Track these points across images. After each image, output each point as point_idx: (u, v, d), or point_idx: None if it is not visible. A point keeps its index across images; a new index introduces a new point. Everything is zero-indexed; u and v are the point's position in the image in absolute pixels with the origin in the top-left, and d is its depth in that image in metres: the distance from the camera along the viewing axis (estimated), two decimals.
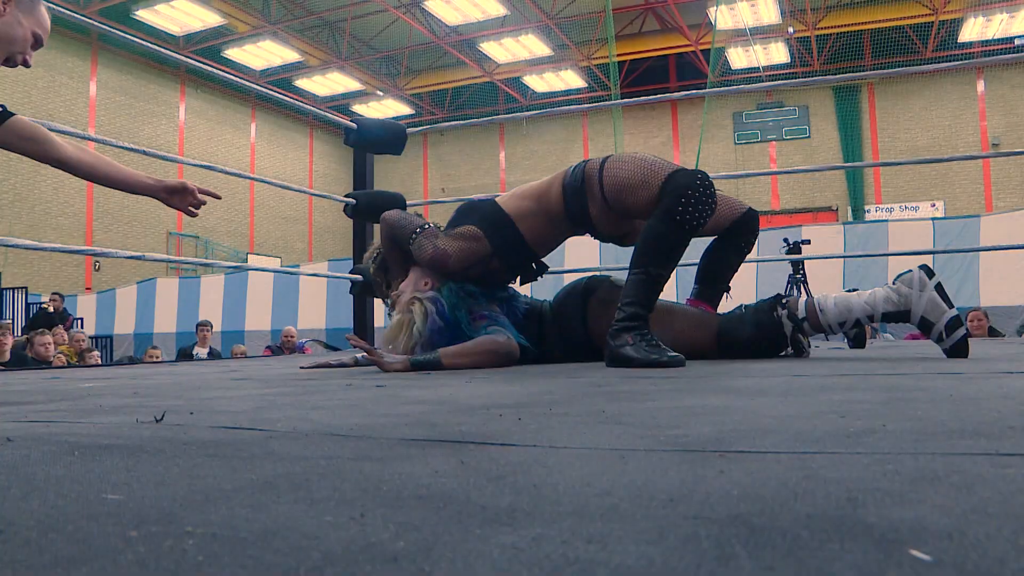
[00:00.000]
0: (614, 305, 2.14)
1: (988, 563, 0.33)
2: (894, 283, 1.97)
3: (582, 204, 2.13)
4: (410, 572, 0.34)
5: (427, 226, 2.25)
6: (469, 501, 0.47)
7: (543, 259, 2.38)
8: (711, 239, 2.32)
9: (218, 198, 2.02)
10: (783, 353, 2.15)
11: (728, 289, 2.32)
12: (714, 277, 2.30)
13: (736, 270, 2.33)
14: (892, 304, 1.95)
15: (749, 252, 2.32)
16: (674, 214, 1.92)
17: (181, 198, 1.94)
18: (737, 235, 2.27)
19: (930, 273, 1.93)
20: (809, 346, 2.18)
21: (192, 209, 1.96)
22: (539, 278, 2.39)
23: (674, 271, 2.03)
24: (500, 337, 2.07)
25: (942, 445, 0.63)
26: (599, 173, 2.09)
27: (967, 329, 1.91)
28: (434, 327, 2.10)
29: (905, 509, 0.42)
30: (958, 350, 1.89)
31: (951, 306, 1.90)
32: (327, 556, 0.37)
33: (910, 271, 1.95)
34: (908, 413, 0.83)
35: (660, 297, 2.04)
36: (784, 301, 2.09)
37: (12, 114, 1.70)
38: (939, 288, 1.91)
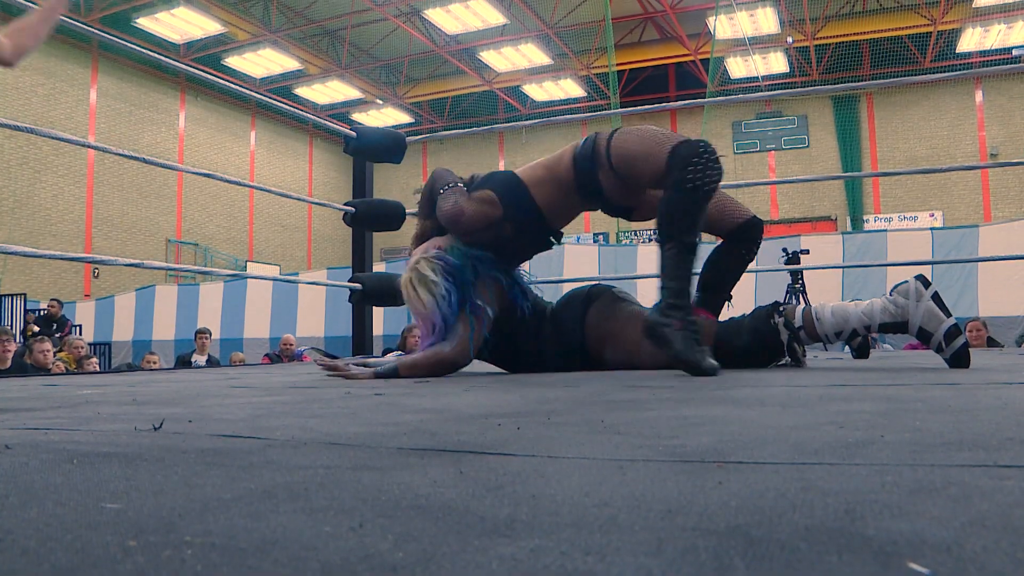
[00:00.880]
0: (614, 315, 2.15)
1: None
2: (891, 294, 1.97)
3: (592, 173, 2.18)
4: None
5: (458, 184, 2.34)
6: (468, 511, 0.47)
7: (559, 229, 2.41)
8: (711, 248, 2.33)
9: None
10: (781, 363, 2.16)
11: (730, 298, 2.33)
12: (716, 285, 2.31)
13: (738, 278, 2.34)
14: (889, 315, 1.95)
15: (751, 261, 2.33)
16: (685, 183, 1.95)
17: None
18: (738, 241, 2.28)
19: (926, 283, 1.92)
20: (805, 355, 2.18)
21: None
22: (553, 246, 2.42)
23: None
24: (446, 348, 2.14)
25: (940, 457, 0.63)
26: (607, 145, 2.15)
27: (967, 338, 1.90)
28: (447, 279, 2.18)
29: (903, 521, 0.42)
30: (959, 359, 1.88)
31: (949, 315, 1.90)
32: (326, 566, 0.37)
33: (906, 282, 1.95)
34: (906, 424, 0.83)
35: None
36: (781, 309, 2.10)
37: None
38: (936, 298, 1.91)
